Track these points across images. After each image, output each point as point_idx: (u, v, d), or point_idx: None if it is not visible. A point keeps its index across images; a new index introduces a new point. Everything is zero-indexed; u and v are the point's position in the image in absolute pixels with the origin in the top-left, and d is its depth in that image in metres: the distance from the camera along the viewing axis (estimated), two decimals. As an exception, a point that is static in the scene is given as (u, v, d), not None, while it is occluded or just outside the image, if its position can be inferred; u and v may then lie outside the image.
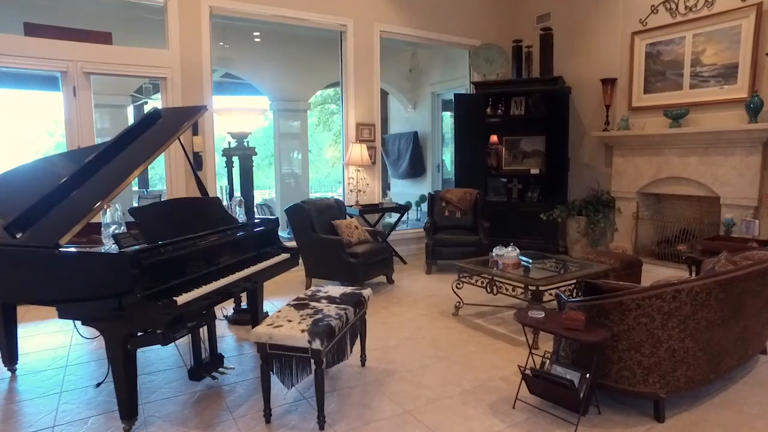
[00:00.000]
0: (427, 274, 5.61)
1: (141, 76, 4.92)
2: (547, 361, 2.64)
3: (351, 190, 6.07)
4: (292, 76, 9.37)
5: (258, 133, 13.01)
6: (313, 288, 3.16)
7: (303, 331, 2.37)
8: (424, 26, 6.65)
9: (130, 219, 2.58)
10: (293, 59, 9.09)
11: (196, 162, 5.28)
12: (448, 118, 9.67)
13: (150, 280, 2.32)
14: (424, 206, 9.15)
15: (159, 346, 3.02)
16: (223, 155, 4.04)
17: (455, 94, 6.74)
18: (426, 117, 9.68)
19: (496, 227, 5.89)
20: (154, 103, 7.99)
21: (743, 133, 4.91)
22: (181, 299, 2.32)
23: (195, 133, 5.24)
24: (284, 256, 3.38)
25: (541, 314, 2.59)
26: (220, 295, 2.84)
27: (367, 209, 5.89)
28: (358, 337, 3.07)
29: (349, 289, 3.09)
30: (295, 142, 10.02)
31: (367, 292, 3.07)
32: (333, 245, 4.67)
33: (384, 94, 10.94)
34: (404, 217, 7.87)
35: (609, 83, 6.10)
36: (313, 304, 2.79)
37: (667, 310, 2.31)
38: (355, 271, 4.61)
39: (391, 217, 7.05)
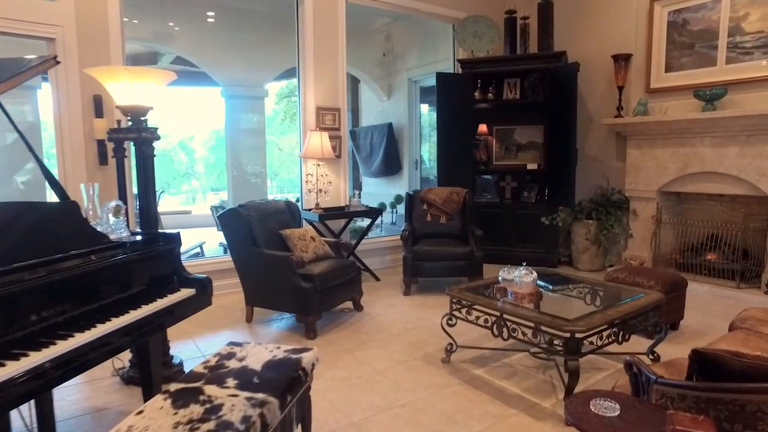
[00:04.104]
0: (406, 296, 4.44)
1: (14, 33, 3.60)
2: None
3: (309, 190, 4.86)
4: (247, 59, 8.11)
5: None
6: (224, 349, 1.96)
7: (162, 475, 1.17)
8: (399, -8, 5.49)
9: None
10: (249, 41, 7.86)
11: (100, 154, 4.00)
12: (426, 114, 8.54)
13: None
14: (401, 208, 8.02)
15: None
16: (108, 140, 2.78)
17: (437, 74, 5.59)
18: (402, 107, 8.52)
19: (486, 234, 4.73)
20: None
21: (802, 115, 3.91)
22: None
23: (98, 114, 3.96)
24: (185, 293, 2.16)
25: (614, 409, 1.45)
26: (60, 369, 1.62)
27: (329, 214, 4.69)
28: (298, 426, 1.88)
29: (281, 352, 1.90)
30: (256, 137, 8.79)
31: (310, 356, 1.88)
32: (279, 264, 3.46)
33: (355, 82, 9.77)
34: (377, 221, 6.71)
35: (622, 60, 5.05)
36: (209, 391, 1.59)
37: None
38: (309, 299, 3.40)
39: (364, 221, 5.88)
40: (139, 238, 2.28)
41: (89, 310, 1.83)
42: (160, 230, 2.89)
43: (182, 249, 6.59)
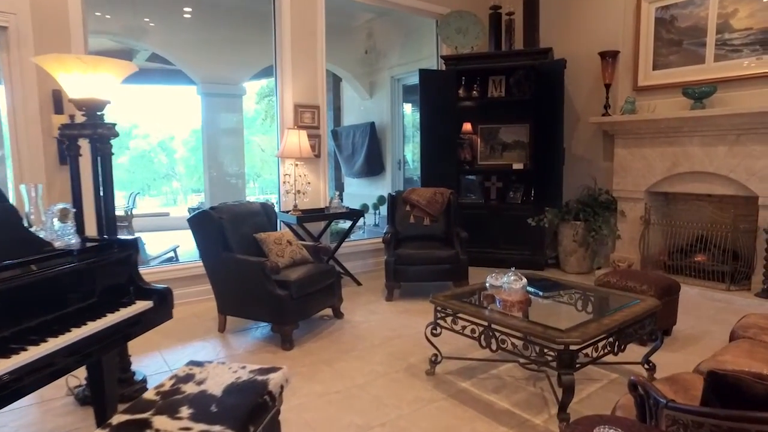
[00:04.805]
0: (388, 302, 4.25)
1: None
2: None
3: (287, 191, 4.64)
4: (224, 56, 7.86)
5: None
6: (182, 369, 1.74)
7: None
8: (380, -14, 5.30)
9: None
10: (226, 37, 7.63)
11: (61, 153, 3.73)
12: (409, 114, 8.37)
13: None
14: (384, 209, 7.83)
15: None
16: (60, 136, 2.53)
17: (420, 70, 5.42)
18: (384, 106, 8.33)
19: (471, 235, 4.54)
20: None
21: (794, 114, 3.82)
22: None
23: (58, 110, 3.69)
24: (141, 306, 1.94)
25: (621, 440, 1.28)
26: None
27: (308, 216, 4.48)
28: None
29: (246, 372, 1.69)
30: (234, 137, 8.54)
31: (278, 378, 1.68)
32: (252, 270, 3.24)
33: (337, 81, 9.57)
34: (360, 223, 6.51)
35: (609, 57, 4.93)
36: (158, 424, 1.37)
37: None
38: (284, 307, 3.19)
39: (346, 223, 5.66)
40: (90, 244, 2.05)
41: (25, 328, 1.60)
42: (129, 236, 2.67)
43: (155, 253, 6.28)
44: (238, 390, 1.56)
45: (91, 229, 2.87)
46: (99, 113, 2.49)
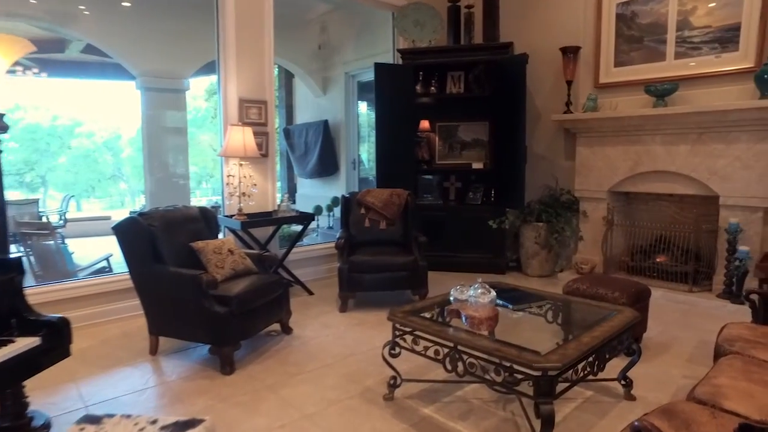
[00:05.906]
0: (342, 313, 3.91)
1: None
2: None
3: (231, 194, 4.22)
4: (166, 49, 7.32)
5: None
6: (74, 429, 1.35)
7: None
8: (332, -27, 4.95)
9: None
10: (168, 29, 7.10)
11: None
12: (364, 113, 8.04)
13: None
14: (338, 211, 7.48)
15: None
16: (-69, 129, 2.07)
17: (376, 64, 5.10)
18: (339, 103, 7.98)
19: (429, 239, 4.23)
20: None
21: (754, 112, 3.74)
22: None
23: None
24: (23, 344, 1.53)
25: None
26: None
27: (254, 221, 4.08)
28: None
29: (157, 430, 1.32)
30: (178, 135, 7.97)
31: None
32: (186, 285, 2.84)
33: (289, 77, 9.14)
34: (314, 225, 6.16)
35: (570, 53, 4.78)
36: None
37: None
38: (224, 327, 2.80)
39: (299, 227, 5.28)
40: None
41: None
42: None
43: (86, 263, 5.63)
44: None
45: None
46: (-17, 102, 2.04)
